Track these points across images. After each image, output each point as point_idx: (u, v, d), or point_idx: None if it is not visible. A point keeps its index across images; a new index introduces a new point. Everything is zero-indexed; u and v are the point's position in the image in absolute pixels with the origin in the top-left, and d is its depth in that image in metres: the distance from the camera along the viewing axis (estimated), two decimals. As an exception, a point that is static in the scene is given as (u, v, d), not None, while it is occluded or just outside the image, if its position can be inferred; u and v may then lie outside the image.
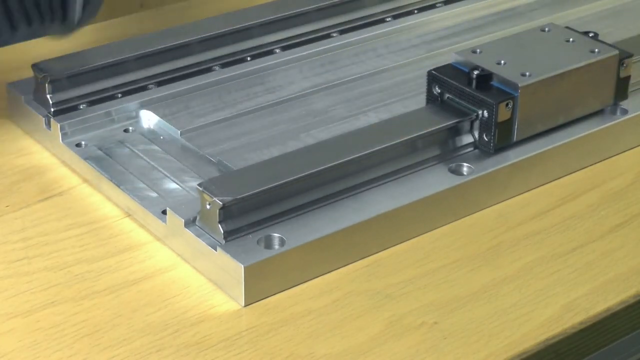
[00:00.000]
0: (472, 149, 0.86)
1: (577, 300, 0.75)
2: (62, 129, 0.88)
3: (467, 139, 0.86)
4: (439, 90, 0.87)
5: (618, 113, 0.92)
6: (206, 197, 0.75)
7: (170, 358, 0.70)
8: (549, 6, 1.12)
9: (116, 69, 0.94)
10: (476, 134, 0.86)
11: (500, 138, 0.85)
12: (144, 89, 0.94)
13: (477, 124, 0.85)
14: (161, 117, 0.90)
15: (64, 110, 0.90)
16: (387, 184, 0.82)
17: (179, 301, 0.74)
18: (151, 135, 0.90)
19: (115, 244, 0.80)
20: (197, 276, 0.76)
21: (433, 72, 0.88)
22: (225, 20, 1.01)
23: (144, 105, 0.92)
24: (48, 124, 0.90)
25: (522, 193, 0.86)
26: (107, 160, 0.86)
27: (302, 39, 1.02)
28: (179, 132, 0.89)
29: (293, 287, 0.76)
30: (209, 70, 0.98)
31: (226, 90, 0.95)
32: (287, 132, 0.91)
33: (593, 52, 0.89)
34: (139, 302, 0.74)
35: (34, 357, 0.70)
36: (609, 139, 0.91)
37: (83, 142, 0.88)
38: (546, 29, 0.93)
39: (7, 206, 0.83)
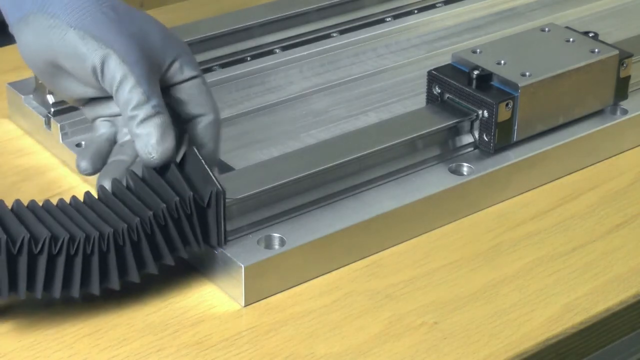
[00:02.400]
0: (472, 149, 0.86)
1: (577, 300, 0.75)
2: (62, 129, 0.88)
3: (467, 139, 0.86)
4: (439, 90, 0.87)
5: (618, 113, 0.92)
6: (206, 197, 0.75)
7: (170, 358, 0.70)
8: (549, 6, 1.12)
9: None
10: (476, 134, 0.86)
11: (500, 138, 0.85)
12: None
13: (477, 124, 0.85)
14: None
15: (64, 110, 0.90)
16: (387, 184, 0.82)
17: (179, 301, 0.74)
18: (151, 135, 0.90)
19: (115, 244, 0.80)
20: (197, 276, 0.76)
21: (433, 72, 0.88)
22: (225, 20, 1.01)
23: (144, 105, 0.92)
24: (48, 124, 0.90)
25: (522, 193, 0.86)
26: (107, 160, 0.86)
27: (302, 39, 1.02)
28: (179, 132, 0.89)
29: (293, 287, 0.76)
30: (209, 70, 0.98)
31: (226, 90, 0.95)
32: (287, 132, 0.91)
33: (593, 52, 0.89)
34: (139, 302, 0.74)
35: (34, 357, 0.70)
36: (609, 139, 0.91)
37: (83, 142, 0.88)
38: (546, 29, 0.93)
39: (7, 206, 0.83)
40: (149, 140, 0.74)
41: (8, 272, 0.68)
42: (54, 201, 0.73)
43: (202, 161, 0.74)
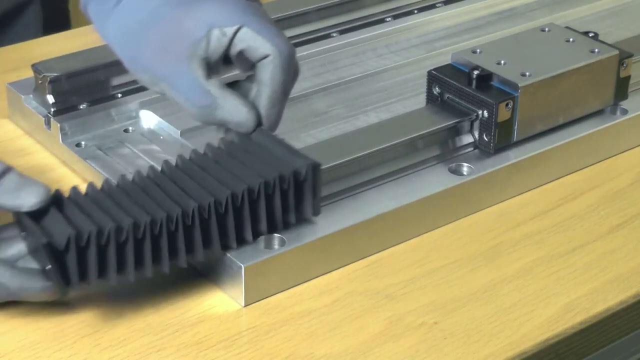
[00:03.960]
0: (472, 149, 0.86)
1: (577, 300, 0.75)
2: (62, 129, 0.88)
3: (467, 139, 0.86)
4: (439, 90, 0.87)
5: (618, 113, 0.92)
6: (206, 197, 0.75)
7: (170, 358, 0.70)
8: (549, 6, 1.12)
9: (116, 69, 0.94)
10: (476, 134, 0.86)
11: (500, 138, 0.85)
12: (143, 89, 0.94)
13: (477, 124, 0.85)
14: (161, 117, 0.90)
15: (64, 110, 0.90)
16: (387, 184, 0.82)
17: (179, 301, 0.74)
18: (151, 135, 0.90)
19: (115, 244, 0.80)
20: (197, 276, 0.76)
21: (433, 72, 0.88)
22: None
23: (144, 105, 0.92)
24: (48, 124, 0.90)
25: (522, 193, 0.86)
26: (107, 160, 0.86)
27: (302, 39, 1.02)
28: (179, 132, 0.89)
29: (293, 287, 0.76)
30: (208, 70, 0.98)
31: (226, 90, 0.95)
32: (287, 132, 0.91)
33: (593, 52, 0.89)
34: (139, 302, 0.74)
35: (34, 357, 0.70)
36: (609, 139, 0.91)
37: (83, 142, 0.88)
38: (546, 29, 0.93)
39: (7, 206, 0.83)
40: (234, 125, 0.78)
41: (78, 264, 0.69)
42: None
43: (278, 137, 0.78)
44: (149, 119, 0.91)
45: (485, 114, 0.84)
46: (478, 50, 0.89)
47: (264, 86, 0.78)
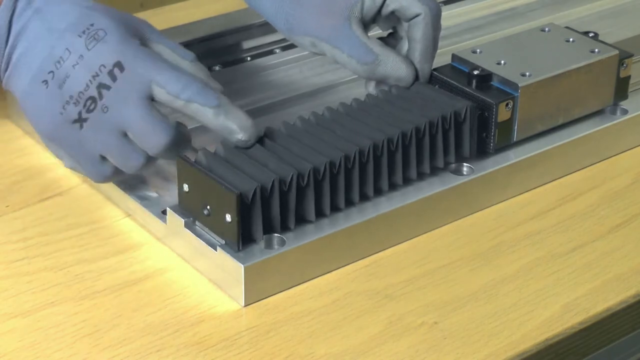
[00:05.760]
0: (472, 149, 0.86)
1: (577, 300, 0.75)
2: (62, 129, 0.88)
3: (467, 139, 0.86)
4: (439, 90, 0.87)
5: (618, 113, 0.92)
6: (206, 197, 0.75)
7: (170, 358, 0.70)
8: (549, 6, 1.12)
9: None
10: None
11: (500, 138, 0.85)
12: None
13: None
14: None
15: (64, 110, 0.89)
16: (387, 184, 0.82)
17: (179, 301, 0.74)
18: (151, 135, 0.90)
19: (116, 244, 0.80)
20: (197, 276, 0.76)
21: (433, 72, 0.87)
22: (225, 20, 1.01)
23: (144, 105, 0.92)
24: (48, 124, 0.89)
25: (522, 193, 0.86)
26: (107, 160, 0.86)
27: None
28: (179, 132, 0.88)
29: (293, 287, 0.76)
30: (209, 70, 0.98)
31: (226, 90, 0.95)
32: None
33: (593, 52, 0.89)
34: (139, 302, 0.74)
35: (34, 357, 0.70)
36: (609, 139, 0.91)
37: (83, 142, 0.88)
38: (546, 29, 0.93)
39: (7, 206, 0.83)
40: (394, 80, 0.84)
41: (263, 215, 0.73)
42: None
43: (434, 86, 0.84)
44: (149, 119, 0.91)
45: (485, 114, 0.84)
46: (478, 50, 0.89)
47: (416, 43, 0.85)
